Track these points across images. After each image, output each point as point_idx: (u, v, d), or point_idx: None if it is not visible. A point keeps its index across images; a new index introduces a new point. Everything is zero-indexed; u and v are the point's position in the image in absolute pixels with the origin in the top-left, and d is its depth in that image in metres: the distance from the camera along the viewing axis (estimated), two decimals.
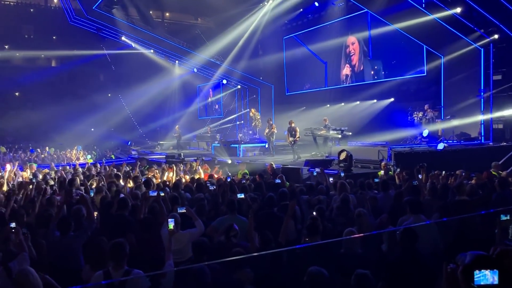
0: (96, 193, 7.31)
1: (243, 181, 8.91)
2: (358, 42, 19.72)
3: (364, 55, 19.44)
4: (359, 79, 19.78)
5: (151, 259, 5.07)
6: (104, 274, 3.85)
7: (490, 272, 1.68)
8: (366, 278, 3.63)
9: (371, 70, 19.17)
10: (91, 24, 22.10)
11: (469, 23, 13.29)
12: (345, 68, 20.61)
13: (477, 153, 12.56)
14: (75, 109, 29.47)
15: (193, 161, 14.53)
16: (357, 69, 19.90)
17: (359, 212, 5.43)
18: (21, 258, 4.15)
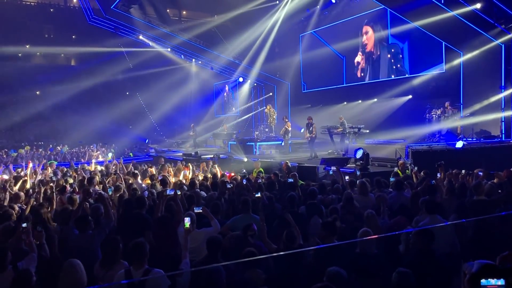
0: (114, 191, 7.43)
1: (259, 180, 8.93)
2: (373, 31, 19.54)
3: (380, 41, 19.25)
4: (375, 68, 19.58)
5: (168, 257, 5.14)
6: (126, 273, 3.92)
7: (496, 281, 1.67)
8: (408, 276, 3.60)
9: (388, 54, 18.95)
10: (109, 24, 22.38)
11: (489, 18, 13.02)
12: (358, 55, 20.50)
13: (497, 151, 12.30)
14: (94, 108, 29.95)
15: (209, 159, 14.63)
16: (375, 56, 19.70)
17: (368, 214, 5.40)
18: (29, 258, 4.25)
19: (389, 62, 18.90)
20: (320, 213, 6.22)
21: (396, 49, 18.58)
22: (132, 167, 12.67)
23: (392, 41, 18.68)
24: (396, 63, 18.56)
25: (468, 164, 9.23)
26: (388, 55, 18.92)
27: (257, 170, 11.54)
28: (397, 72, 18.51)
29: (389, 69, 18.97)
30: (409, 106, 17.34)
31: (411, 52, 17.73)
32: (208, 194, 7.33)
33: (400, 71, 18.41)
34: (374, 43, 19.59)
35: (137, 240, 4.11)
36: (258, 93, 27.41)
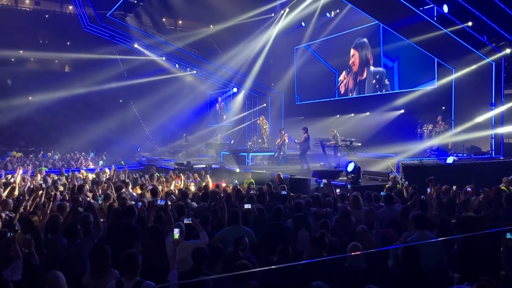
0: (104, 200, 7.39)
1: (250, 191, 8.93)
2: (358, 53, 19.88)
3: (367, 65, 19.55)
4: (361, 89, 19.89)
5: (156, 268, 5.12)
6: (117, 284, 3.90)
7: None
8: None
9: (373, 79, 19.28)
10: (105, 31, 22.44)
11: (480, 37, 13.23)
12: (342, 74, 20.88)
13: (487, 167, 12.41)
14: (87, 115, 29.84)
15: (201, 169, 14.62)
16: (358, 79, 20.09)
17: (359, 230, 5.42)
18: (14, 266, 4.22)
19: (374, 86, 19.29)
20: (307, 226, 6.23)
21: (380, 74, 18.89)
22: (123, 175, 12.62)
23: (377, 64, 19.03)
24: (381, 88, 18.94)
25: (458, 179, 9.30)
26: (373, 80, 19.26)
27: (248, 181, 11.55)
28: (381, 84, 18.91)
29: (373, 92, 19.42)
30: (401, 120, 17.49)
31: (404, 67, 17.93)
32: (198, 205, 7.31)
33: (386, 85, 18.77)
34: (359, 65, 20.00)
35: (130, 250, 4.09)
36: (252, 103, 27.50)
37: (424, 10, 13.08)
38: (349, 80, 20.76)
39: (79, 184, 9.27)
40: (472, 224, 5.92)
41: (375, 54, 19.32)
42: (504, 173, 10.54)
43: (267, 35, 22.72)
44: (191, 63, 25.18)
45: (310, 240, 5.00)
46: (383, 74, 18.87)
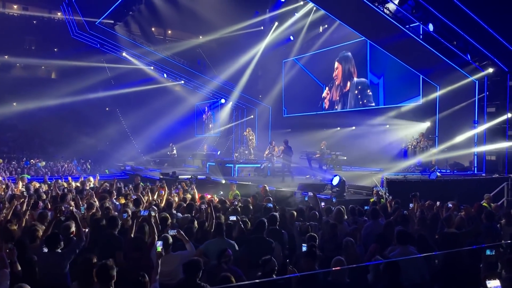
0: (86, 209, 7.30)
1: (235, 203, 8.91)
2: (342, 67, 20.21)
3: (350, 77, 19.85)
4: (345, 101, 20.16)
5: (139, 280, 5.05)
6: None
7: None
8: None
9: (356, 90, 19.64)
10: (93, 39, 22.34)
11: (464, 56, 13.53)
12: (325, 90, 21.23)
13: (469, 183, 12.59)
14: (72, 122, 29.52)
15: (186, 180, 14.54)
16: (342, 92, 20.41)
17: (347, 243, 5.45)
18: (0, 275, 4.14)
19: (356, 97, 19.60)
20: (281, 239, 6.22)
21: (362, 85, 19.17)
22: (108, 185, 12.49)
23: (360, 76, 19.36)
24: (363, 98, 19.22)
25: (441, 195, 9.41)
26: (356, 91, 19.53)
27: (233, 193, 11.52)
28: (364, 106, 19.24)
29: (355, 103, 19.69)
30: (386, 135, 17.69)
31: (390, 83, 18.19)
32: (182, 216, 7.26)
33: (366, 105, 19.13)
34: (342, 78, 20.36)
35: (104, 262, 4.04)
36: (240, 115, 27.56)
37: (410, 28, 13.35)
38: (333, 93, 21.01)
39: (62, 192, 9.14)
40: (454, 240, 5.99)
41: (359, 67, 19.61)
42: (485, 189, 10.72)
43: (256, 48, 22.91)
44: (180, 73, 25.18)
45: (303, 254, 5.01)
46: (366, 84, 19.18)
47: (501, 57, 13.38)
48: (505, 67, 13.58)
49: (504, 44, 12.83)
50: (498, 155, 14.04)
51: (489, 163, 14.28)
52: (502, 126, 13.86)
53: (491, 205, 9.11)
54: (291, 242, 6.46)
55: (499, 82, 13.96)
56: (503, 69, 13.64)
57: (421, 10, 12.53)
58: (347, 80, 20.27)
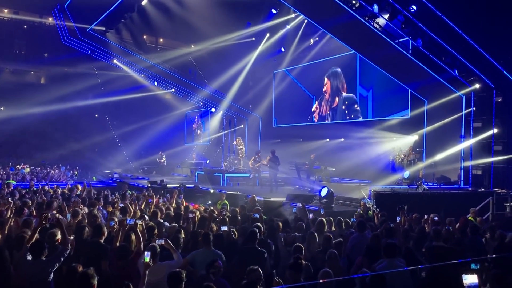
0: (72, 217, 7.22)
1: (224, 213, 8.88)
2: (330, 83, 20.49)
3: (338, 93, 20.09)
4: (334, 115, 20.38)
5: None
6: None
7: None
8: None
9: (343, 105, 19.88)
10: (84, 45, 22.28)
11: (452, 71, 13.76)
12: (314, 104, 21.45)
13: (456, 197, 12.72)
14: (60, 128, 29.24)
15: (174, 188, 14.46)
16: (331, 106, 20.63)
17: (330, 255, 5.46)
18: None
19: (343, 112, 19.91)
20: (268, 250, 6.21)
21: (350, 100, 19.41)
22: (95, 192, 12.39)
23: (349, 91, 19.64)
24: (351, 113, 19.50)
25: (428, 208, 9.48)
26: (343, 106, 19.76)
27: (222, 203, 11.47)
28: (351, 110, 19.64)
29: (343, 118, 20.06)
30: (374, 148, 17.82)
31: (378, 96, 18.39)
32: (169, 226, 7.22)
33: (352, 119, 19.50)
34: (331, 93, 20.66)
35: (84, 270, 4.01)
36: (230, 124, 27.58)
37: (399, 42, 13.56)
38: (323, 107, 21.21)
39: (48, 199, 9.04)
40: (442, 253, 6.01)
41: (348, 82, 19.83)
42: (471, 203, 10.85)
43: (247, 58, 23.05)
44: (170, 81, 25.15)
45: (288, 267, 5.00)
46: (353, 100, 19.39)
47: (487, 73, 13.66)
48: (491, 83, 13.86)
49: (490, 61, 13.12)
50: (484, 170, 14.25)
51: (475, 177, 14.48)
52: (488, 141, 14.09)
53: (477, 219, 9.20)
54: (276, 253, 6.46)
55: (485, 97, 14.23)
56: (489, 85, 13.91)
57: (410, 26, 12.76)
58: (335, 96, 20.52)
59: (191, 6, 19.12)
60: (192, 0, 18.75)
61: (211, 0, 17.91)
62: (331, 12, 12.93)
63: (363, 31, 13.10)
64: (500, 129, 13.95)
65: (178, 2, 19.12)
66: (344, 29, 13.90)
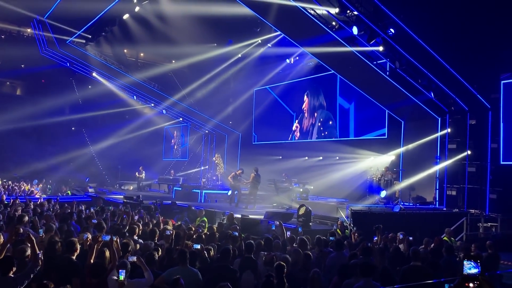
0: (45, 232, 7.01)
1: (200, 230, 8.78)
2: (308, 100, 20.81)
3: (315, 110, 20.47)
4: (312, 133, 20.62)
5: None
6: None
7: None
8: None
9: (318, 122, 20.31)
10: (63, 58, 22.00)
11: (428, 93, 14.11)
12: (294, 123, 21.76)
13: (431, 217, 12.95)
14: (35, 140, 28.63)
15: (151, 204, 14.27)
16: (309, 123, 20.95)
17: (314, 274, 5.42)
18: None
19: (318, 129, 20.27)
20: (254, 269, 6.15)
21: (325, 117, 19.80)
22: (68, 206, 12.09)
23: (327, 108, 20.01)
24: (325, 130, 19.90)
25: (404, 227, 9.59)
26: (319, 123, 20.08)
27: (200, 219, 11.35)
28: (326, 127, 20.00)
29: (318, 134, 20.39)
30: (352, 167, 17.99)
31: (357, 116, 18.66)
32: (144, 243, 7.07)
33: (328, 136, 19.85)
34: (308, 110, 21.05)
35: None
36: (209, 140, 27.50)
37: (377, 64, 13.85)
38: (304, 125, 21.40)
39: (19, 214, 8.76)
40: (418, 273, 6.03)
41: (328, 99, 20.10)
42: (446, 223, 11.04)
43: (228, 74, 23.16)
44: (150, 96, 24.98)
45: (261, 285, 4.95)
46: (328, 116, 19.74)
47: (462, 96, 14.06)
48: (465, 106, 14.26)
49: (464, 84, 13.53)
50: (458, 190, 14.53)
51: (450, 198, 14.74)
52: (462, 162, 14.41)
53: (452, 239, 9.34)
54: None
55: (459, 120, 14.61)
56: (464, 108, 14.30)
57: (388, 48, 13.05)
58: (313, 113, 20.78)
59: (172, 21, 19.16)
60: (173, 16, 18.78)
61: (193, 17, 17.97)
62: (311, 32, 13.14)
63: (342, 51, 13.34)
64: (473, 151, 14.30)
65: (160, 17, 19.16)
66: (323, 48, 14.11)
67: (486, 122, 14.03)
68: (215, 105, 24.26)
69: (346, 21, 12.60)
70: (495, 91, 13.92)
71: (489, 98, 13.97)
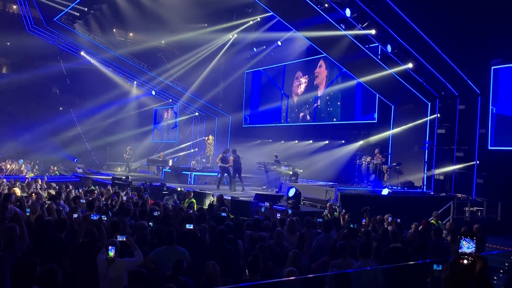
0: (32, 211, 6.94)
1: (190, 211, 8.77)
2: (307, 80, 20.67)
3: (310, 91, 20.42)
4: (304, 117, 20.59)
5: (84, 286, 4.85)
6: None
7: None
8: None
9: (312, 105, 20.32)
10: (50, 35, 21.53)
11: (419, 78, 14.12)
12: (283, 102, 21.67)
13: (418, 201, 13.12)
14: (22, 120, 28.21)
15: (140, 185, 14.21)
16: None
17: (295, 254, 5.45)
18: None
19: (313, 114, 20.31)
20: (236, 248, 6.17)
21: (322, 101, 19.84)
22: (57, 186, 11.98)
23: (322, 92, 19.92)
24: (320, 113, 20.00)
25: (392, 211, 9.69)
26: (310, 106, 20.22)
27: (189, 201, 11.34)
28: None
29: (311, 118, 20.37)
30: (342, 150, 18.08)
31: (347, 100, 18.65)
32: (137, 223, 7.05)
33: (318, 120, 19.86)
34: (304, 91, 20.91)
35: (49, 267, 3.84)
36: (199, 122, 27.35)
37: (369, 48, 13.78)
38: (295, 109, 21.32)
39: (6, 193, 8.65)
40: (399, 255, 6.10)
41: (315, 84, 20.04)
42: (433, 207, 11.17)
43: (219, 56, 22.92)
44: (139, 76, 24.66)
45: (246, 264, 4.95)
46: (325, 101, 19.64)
47: (452, 81, 14.11)
48: (455, 91, 14.32)
49: (455, 69, 13.55)
50: (446, 175, 14.68)
51: (437, 182, 14.91)
52: (450, 147, 14.54)
53: (439, 222, 9.46)
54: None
55: (449, 105, 14.68)
56: (454, 93, 14.37)
57: (381, 31, 12.98)
58: (304, 96, 20.69)
59: (163, 0, 18.83)
60: None
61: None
62: (303, 13, 13.01)
63: (334, 35, 13.24)
64: (462, 136, 14.42)
65: None
66: (316, 31, 14.00)
67: (475, 107, 14.12)
68: (205, 87, 24.04)
69: (339, 3, 12.46)
70: (485, 77, 13.98)
71: (479, 84, 14.04)
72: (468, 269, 1.71)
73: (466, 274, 1.71)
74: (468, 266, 1.71)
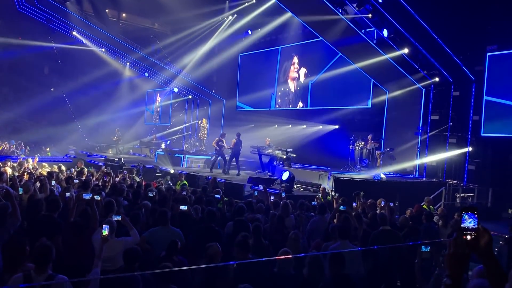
0: (24, 190, 6.88)
1: (184, 193, 8.75)
2: (293, 67, 20.74)
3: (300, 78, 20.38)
4: (296, 102, 20.52)
5: (77, 265, 4.83)
6: (24, 277, 3.60)
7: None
8: None
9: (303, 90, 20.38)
10: (41, 14, 21.12)
11: (414, 63, 14.08)
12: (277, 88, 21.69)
13: (411, 186, 13.22)
14: (13, 101, 27.86)
15: (133, 167, 14.16)
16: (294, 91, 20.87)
17: (296, 236, 5.46)
18: None
19: (304, 98, 20.32)
20: (247, 230, 6.19)
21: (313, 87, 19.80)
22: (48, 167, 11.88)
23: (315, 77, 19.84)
24: (312, 99, 19.97)
25: (385, 195, 9.71)
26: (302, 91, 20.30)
27: (181, 183, 11.31)
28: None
29: (304, 104, 20.32)
30: (335, 135, 18.12)
31: (341, 85, 18.56)
32: (128, 203, 7.02)
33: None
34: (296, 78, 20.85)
35: (43, 242, 3.81)
36: (192, 105, 27.18)
37: (366, 32, 13.67)
38: (289, 93, 21.26)
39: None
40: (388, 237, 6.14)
41: (314, 67, 19.90)
42: (425, 192, 11.25)
43: (212, 39, 22.67)
44: (131, 58, 24.36)
45: (235, 244, 4.94)
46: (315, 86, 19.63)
47: (447, 68, 14.09)
48: (450, 77, 14.32)
49: (451, 55, 13.52)
50: (438, 161, 14.78)
51: (430, 168, 15.01)
52: (444, 133, 14.60)
53: (431, 207, 9.54)
54: None
55: (443, 91, 14.69)
56: (448, 80, 14.37)
57: (378, 16, 12.87)
58: (298, 80, 20.60)
59: None
60: None
61: None
62: None
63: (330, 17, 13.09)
64: (455, 122, 14.47)
65: None
66: (313, 14, 13.84)
67: (470, 94, 14.15)
68: (199, 70, 23.82)
69: None
70: (480, 64, 13.98)
71: (474, 70, 14.05)
72: (472, 244, 1.70)
73: (470, 249, 1.70)
74: (471, 241, 1.70)
